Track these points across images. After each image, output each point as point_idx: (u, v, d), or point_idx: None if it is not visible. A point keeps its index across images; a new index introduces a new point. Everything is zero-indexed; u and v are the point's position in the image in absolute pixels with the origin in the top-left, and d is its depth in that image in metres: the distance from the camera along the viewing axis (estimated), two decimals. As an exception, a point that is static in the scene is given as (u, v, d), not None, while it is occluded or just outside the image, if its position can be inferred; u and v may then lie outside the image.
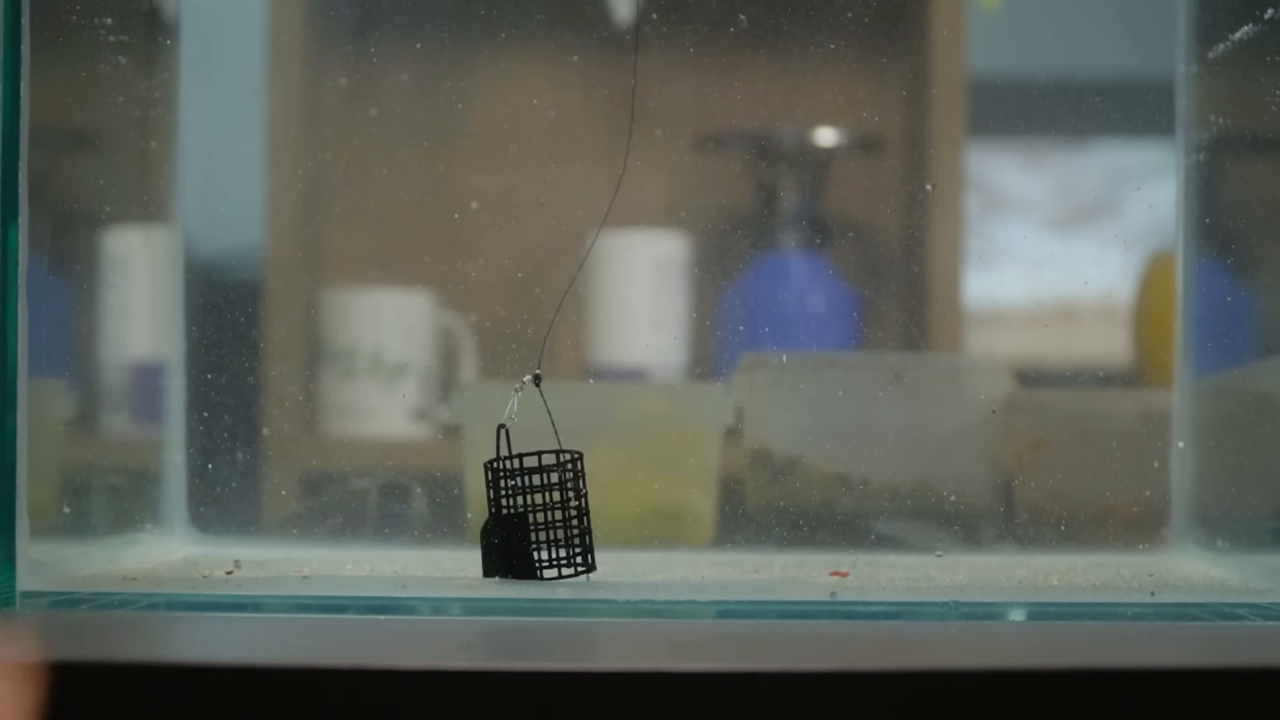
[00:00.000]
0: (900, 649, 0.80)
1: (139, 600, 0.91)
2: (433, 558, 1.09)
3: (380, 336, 1.56)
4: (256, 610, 0.91)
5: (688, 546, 1.15)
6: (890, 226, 1.64)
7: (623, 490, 1.16)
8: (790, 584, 0.99)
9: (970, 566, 1.07)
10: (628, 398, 1.24)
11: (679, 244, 1.59)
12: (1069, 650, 0.80)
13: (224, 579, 0.97)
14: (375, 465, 1.27)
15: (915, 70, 1.61)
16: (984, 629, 0.88)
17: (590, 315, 1.58)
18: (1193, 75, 1.12)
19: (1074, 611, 0.91)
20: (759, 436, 1.21)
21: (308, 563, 1.06)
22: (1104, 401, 1.18)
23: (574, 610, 0.91)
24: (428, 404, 1.57)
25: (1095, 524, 1.15)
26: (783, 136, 1.60)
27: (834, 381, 1.19)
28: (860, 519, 1.17)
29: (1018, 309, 1.71)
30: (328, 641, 0.81)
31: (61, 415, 1.09)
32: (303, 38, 1.47)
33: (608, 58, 1.38)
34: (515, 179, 1.41)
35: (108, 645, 0.80)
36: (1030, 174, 1.70)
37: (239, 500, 1.20)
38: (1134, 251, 1.53)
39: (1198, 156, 1.13)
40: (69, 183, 1.13)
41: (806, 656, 0.77)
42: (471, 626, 0.87)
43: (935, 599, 0.92)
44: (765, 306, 1.54)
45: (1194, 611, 0.91)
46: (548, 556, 0.94)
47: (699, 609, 0.92)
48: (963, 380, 1.19)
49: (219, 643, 0.82)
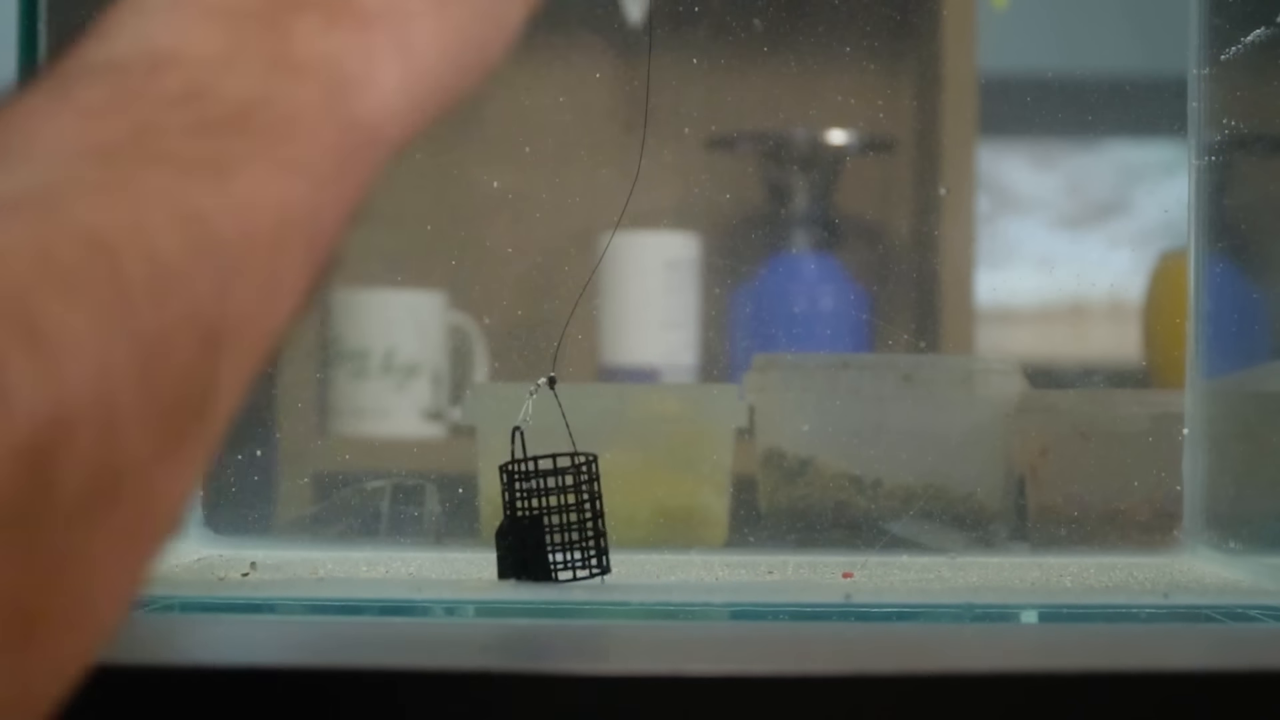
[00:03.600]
0: (915, 651, 0.80)
1: (155, 602, 0.91)
2: (447, 559, 1.09)
3: (393, 337, 1.56)
4: (272, 612, 0.91)
5: (701, 548, 1.15)
6: (902, 227, 1.65)
7: (636, 491, 1.16)
8: (804, 585, 0.99)
9: (983, 568, 1.08)
10: (640, 399, 1.24)
11: (691, 244, 1.60)
12: (1082, 652, 0.80)
13: (240, 581, 0.97)
14: (389, 466, 1.28)
15: (926, 70, 1.61)
16: (998, 631, 0.88)
17: (603, 315, 1.58)
18: (1205, 77, 1.12)
19: (1087, 613, 0.91)
20: (771, 437, 1.21)
21: (323, 564, 1.06)
22: (1115, 403, 1.18)
23: (589, 612, 0.91)
24: (441, 404, 1.57)
25: (1107, 525, 1.15)
26: (794, 137, 1.60)
27: (847, 382, 1.19)
28: (873, 520, 1.17)
29: (1029, 307, 1.71)
30: (344, 644, 0.82)
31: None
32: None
33: (622, 57, 1.38)
34: (529, 179, 1.41)
35: (124, 648, 0.80)
36: (1041, 173, 1.70)
37: (253, 502, 1.20)
38: (1144, 251, 1.53)
39: (1209, 158, 1.13)
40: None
41: (821, 659, 0.77)
42: (487, 629, 0.87)
43: (949, 601, 0.92)
44: (778, 307, 1.54)
45: (1206, 613, 0.91)
46: (562, 559, 0.94)
47: (713, 611, 0.93)
48: (975, 381, 1.19)
49: (235, 645, 0.82)
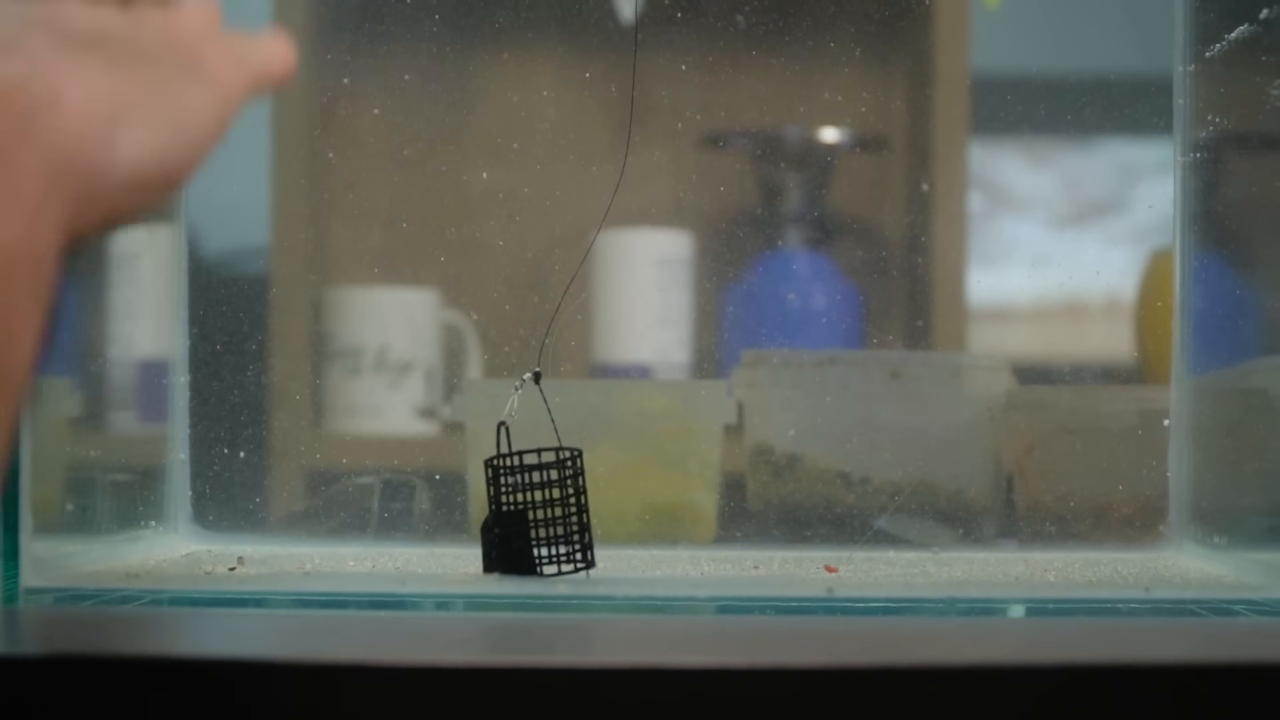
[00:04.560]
0: (897, 645, 0.81)
1: (142, 596, 0.92)
2: (434, 554, 1.09)
3: (385, 334, 1.56)
4: (259, 606, 0.91)
5: (689, 543, 1.16)
6: (893, 224, 1.65)
7: (624, 487, 1.16)
8: (789, 580, 1.00)
9: (969, 563, 1.08)
10: (629, 395, 1.25)
11: (683, 242, 1.60)
12: (1065, 646, 0.80)
13: (226, 575, 0.98)
14: (379, 462, 1.28)
15: (918, 69, 1.61)
16: (981, 624, 0.88)
17: (595, 313, 1.58)
18: (1190, 74, 1.13)
19: (1071, 608, 0.92)
20: (760, 434, 1.21)
21: (310, 559, 1.06)
22: (1102, 399, 1.19)
23: (573, 606, 0.91)
24: (434, 401, 1.57)
25: (1094, 521, 1.15)
26: (787, 135, 1.60)
27: (835, 379, 1.20)
28: (860, 516, 1.17)
29: (1021, 304, 1.71)
30: (329, 637, 0.82)
31: (66, 413, 1.10)
32: (308, 34, 1.48)
33: (614, 56, 1.38)
34: (521, 177, 1.41)
35: (111, 641, 0.80)
36: (1031, 171, 1.71)
37: (242, 497, 1.20)
38: (1137, 248, 1.53)
39: (1195, 155, 1.13)
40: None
41: (804, 652, 0.78)
42: (471, 622, 0.87)
43: (933, 595, 0.92)
44: (769, 304, 1.54)
45: (1189, 607, 0.91)
46: (547, 553, 0.94)
47: (698, 605, 0.93)
48: (963, 378, 1.19)
49: (221, 638, 0.83)
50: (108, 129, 0.57)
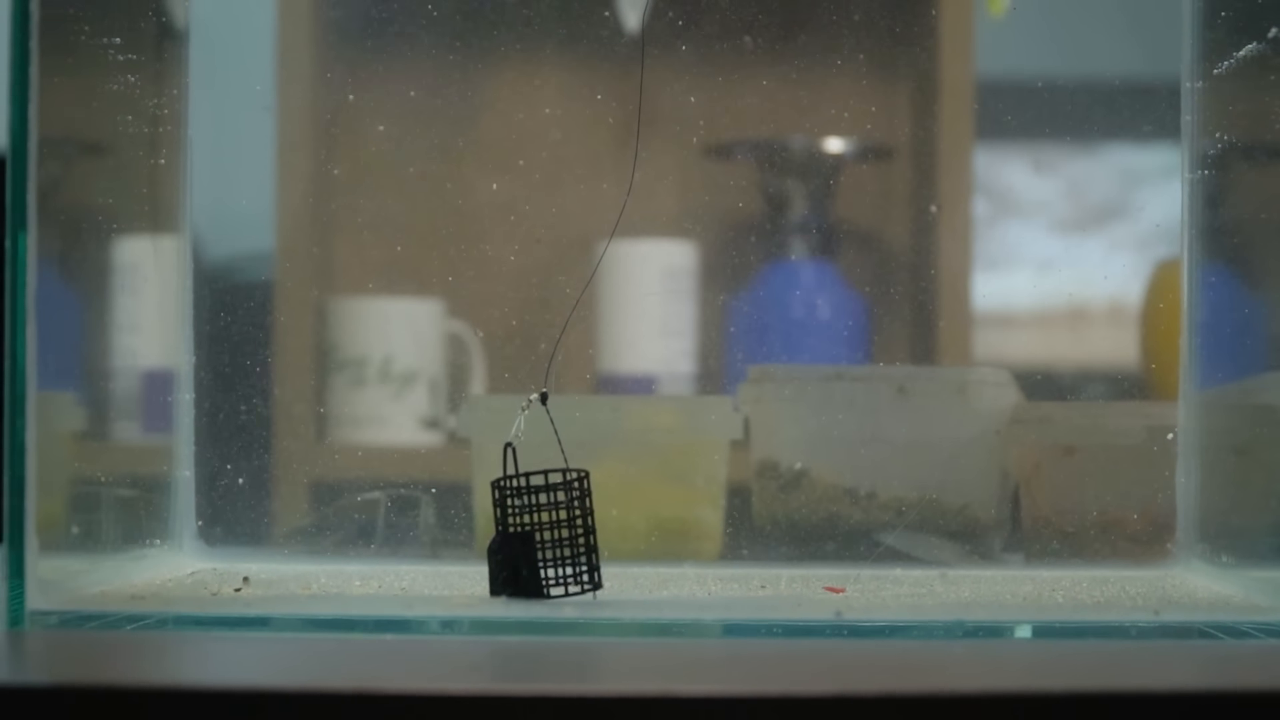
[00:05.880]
0: (904, 671, 0.80)
1: (147, 618, 0.92)
2: (441, 573, 1.09)
3: (390, 345, 1.56)
4: (264, 628, 0.91)
5: (695, 560, 1.16)
6: (899, 234, 1.64)
7: (630, 503, 1.16)
8: (796, 601, 0.99)
9: (975, 582, 1.08)
10: (634, 410, 1.24)
11: (689, 252, 1.60)
12: (1074, 672, 0.80)
13: (232, 596, 0.97)
14: (387, 474, 1.28)
15: (923, 78, 1.61)
16: (989, 648, 0.88)
17: (601, 324, 1.58)
18: (1198, 90, 1.12)
19: (1078, 629, 0.91)
20: (766, 449, 1.21)
21: (316, 578, 1.06)
22: (1109, 416, 1.18)
23: (581, 629, 0.91)
24: (438, 412, 1.57)
25: (1101, 538, 1.15)
26: (792, 145, 1.60)
27: (841, 394, 1.19)
28: (867, 532, 1.17)
29: (1027, 312, 1.71)
30: (334, 663, 0.82)
31: (71, 428, 1.09)
32: (312, 49, 1.48)
33: (619, 68, 1.38)
34: (526, 189, 1.41)
35: (117, 669, 0.80)
36: (1038, 180, 1.70)
37: (248, 514, 1.20)
38: (1143, 256, 1.53)
39: (1202, 171, 1.13)
40: (79, 193, 1.13)
41: (811, 680, 0.77)
42: (478, 646, 0.87)
43: (940, 617, 0.92)
44: (775, 314, 1.54)
45: (1198, 630, 0.91)
46: (554, 575, 0.94)
47: (705, 628, 0.93)
48: (969, 393, 1.19)
49: (226, 665, 0.82)
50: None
